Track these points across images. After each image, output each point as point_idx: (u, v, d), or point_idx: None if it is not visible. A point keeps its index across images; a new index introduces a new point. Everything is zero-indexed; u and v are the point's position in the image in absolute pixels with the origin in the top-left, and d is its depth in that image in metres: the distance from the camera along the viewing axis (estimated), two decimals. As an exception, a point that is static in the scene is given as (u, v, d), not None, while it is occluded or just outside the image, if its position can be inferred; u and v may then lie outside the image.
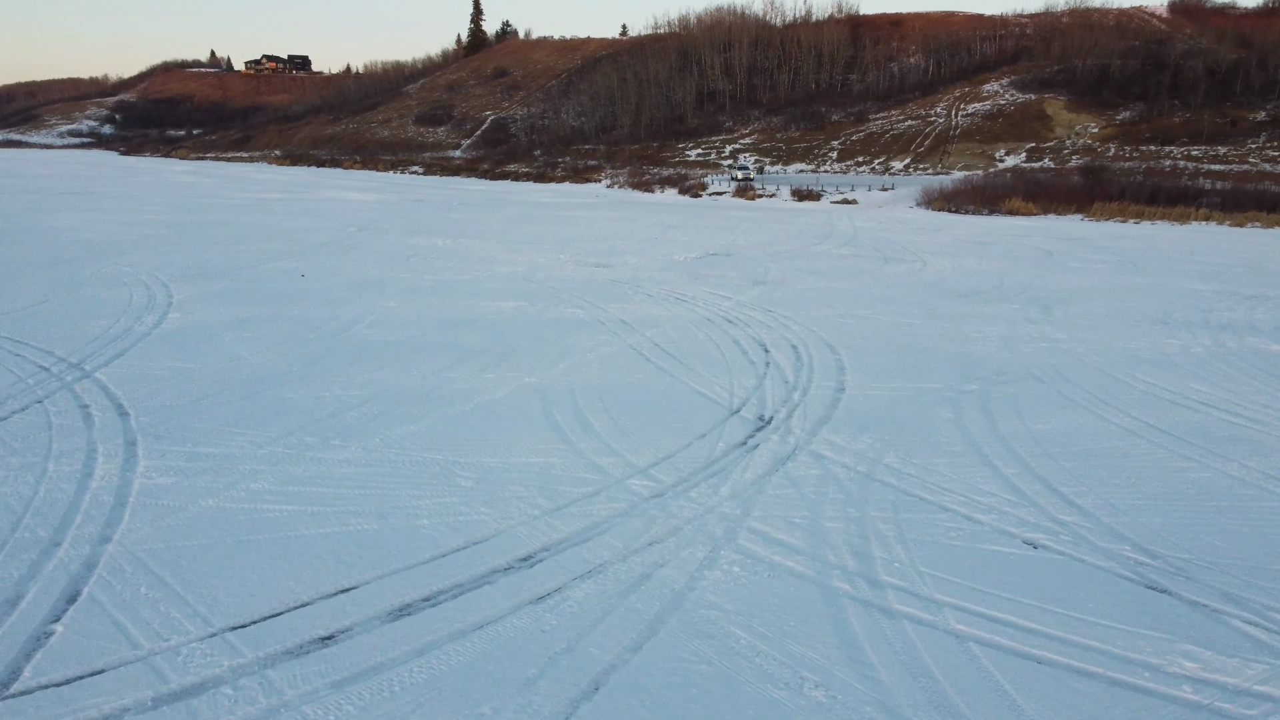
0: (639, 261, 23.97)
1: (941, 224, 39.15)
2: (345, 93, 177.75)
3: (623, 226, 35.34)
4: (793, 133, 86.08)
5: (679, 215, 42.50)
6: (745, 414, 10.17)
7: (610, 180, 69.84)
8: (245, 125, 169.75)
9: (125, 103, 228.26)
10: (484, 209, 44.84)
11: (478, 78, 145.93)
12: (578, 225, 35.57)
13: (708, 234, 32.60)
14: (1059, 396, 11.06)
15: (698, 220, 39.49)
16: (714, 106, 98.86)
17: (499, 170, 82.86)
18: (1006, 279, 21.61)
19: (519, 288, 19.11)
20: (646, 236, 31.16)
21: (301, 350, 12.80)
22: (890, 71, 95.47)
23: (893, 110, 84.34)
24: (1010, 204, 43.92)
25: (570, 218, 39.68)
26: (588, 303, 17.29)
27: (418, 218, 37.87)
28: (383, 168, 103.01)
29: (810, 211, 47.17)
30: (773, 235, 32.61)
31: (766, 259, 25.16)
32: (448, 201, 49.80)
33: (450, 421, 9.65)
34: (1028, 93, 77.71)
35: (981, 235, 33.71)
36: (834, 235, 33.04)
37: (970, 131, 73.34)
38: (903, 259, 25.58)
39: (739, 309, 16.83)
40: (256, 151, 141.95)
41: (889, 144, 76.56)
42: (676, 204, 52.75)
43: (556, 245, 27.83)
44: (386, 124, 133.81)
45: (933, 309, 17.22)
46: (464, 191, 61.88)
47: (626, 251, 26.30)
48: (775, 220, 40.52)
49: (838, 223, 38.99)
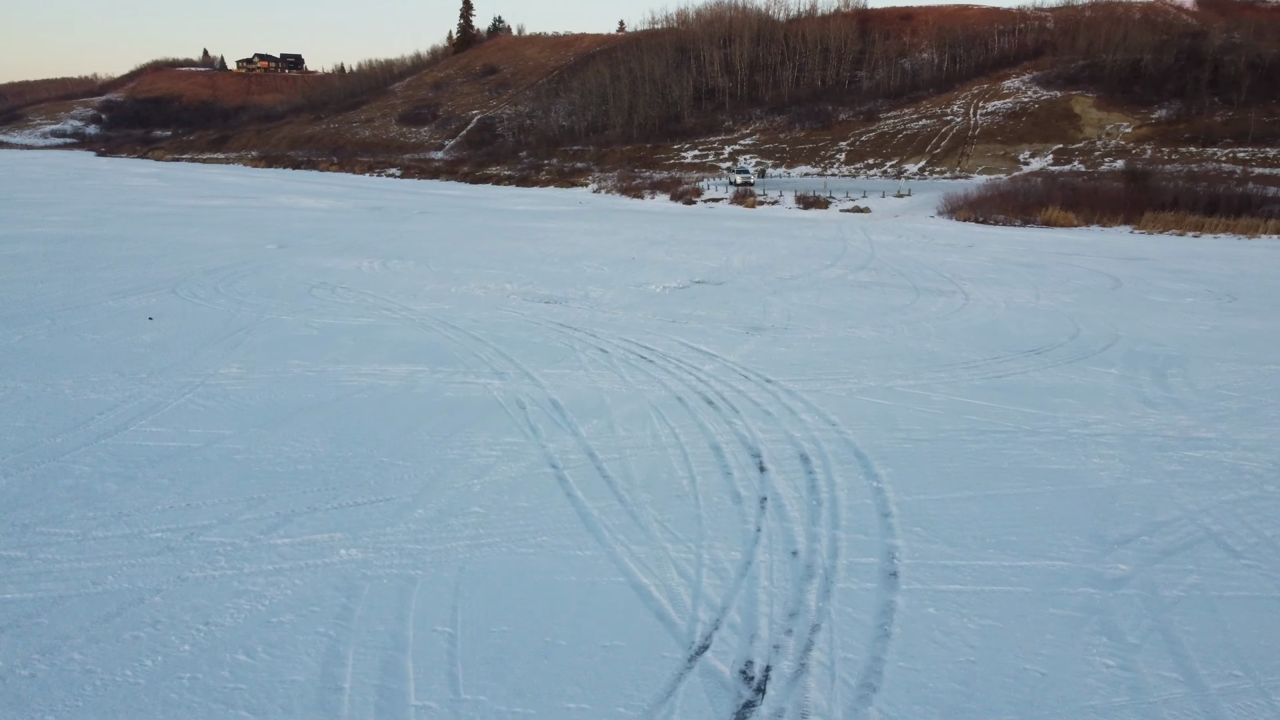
0: (604, 294, 19.18)
1: (972, 238, 34.38)
2: (331, 91, 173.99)
3: (597, 242, 30.56)
4: (797, 133, 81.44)
5: (666, 227, 37.73)
6: (716, 660, 5.37)
7: (597, 185, 65.12)
8: (224, 125, 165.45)
9: (112, 102, 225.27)
10: (446, 219, 40.10)
11: (465, 75, 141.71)
12: (544, 241, 30.80)
13: (697, 252, 27.82)
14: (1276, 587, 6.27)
15: (687, 234, 34.71)
16: (713, 105, 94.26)
17: (479, 173, 78.18)
18: (1081, 322, 16.78)
19: (428, 339, 14.30)
20: (622, 256, 26.36)
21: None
22: (901, 68, 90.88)
23: (905, 108, 79.67)
24: (1047, 214, 39.16)
25: (540, 230, 34.92)
26: (513, 366, 12.50)
27: (361, 231, 33.12)
28: (359, 169, 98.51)
29: (818, 222, 42.42)
30: (774, 254, 27.82)
31: (766, 289, 20.37)
32: (407, 210, 45.07)
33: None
34: (1052, 89, 73.01)
35: (1023, 253, 28.92)
36: (848, 254, 28.26)
37: (991, 131, 68.63)
38: (938, 289, 20.78)
39: (725, 378, 12.02)
40: (233, 153, 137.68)
41: (902, 145, 71.85)
42: (666, 213, 47.98)
43: (508, 269, 23.03)
44: (368, 124, 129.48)
45: (999, 378, 12.40)
46: (433, 197, 57.15)
47: (592, 279, 21.51)
48: (778, 233, 35.76)
49: (850, 236, 34.23)
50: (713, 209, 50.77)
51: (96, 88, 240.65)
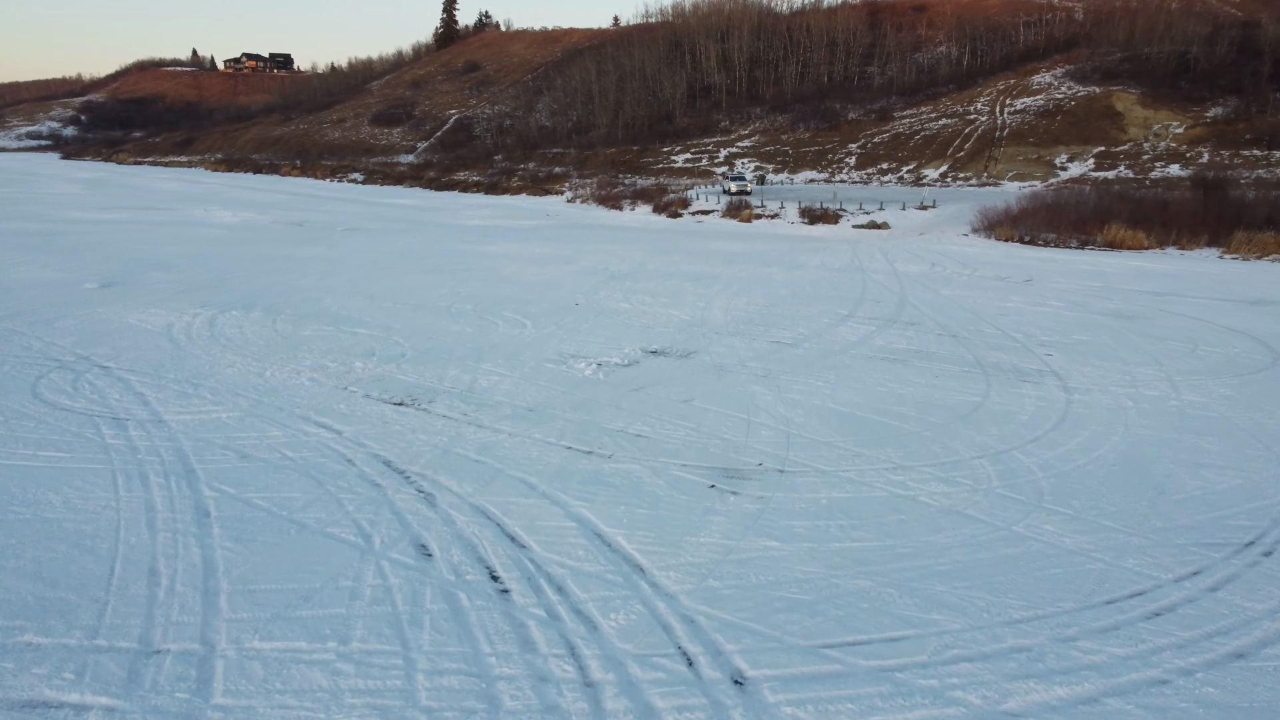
0: (499, 383, 12.50)
1: (1025, 266, 27.70)
2: (308, 91, 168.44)
3: (541, 277, 23.89)
4: (801, 133, 74.87)
5: (639, 250, 31.08)
6: None
7: (573, 193, 58.51)
8: (190, 127, 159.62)
9: (92, 103, 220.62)
10: (371, 238, 33.47)
11: (446, 73, 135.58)
12: (471, 274, 24.11)
13: (667, 293, 21.17)
14: None
15: (663, 260, 28.07)
16: (708, 103, 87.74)
17: (446, 179, 71.57)
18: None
19: (90, 532, 7.56)
20: (562, 301, 19.68)
21: None
22: (916, 62, 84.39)
23: (923, 106, 73.09)
24: (1110, 233, 32.51)
25: (477, 257, 28.28)
26: (192, 634, 5.75)
27: (240, 259, 26.48)
28: (321, 174, 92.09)
29: (827, 243, 35.77)
30: (770, 296, 21.13)
31: (754, 368, 13.67)
32: (333, 226, 38.45)
33: None
34: (1089, 85, 66.44)
35: (1103, 294, 22.23)
36: (869, 294, 21.58)
37: (1021, 132, 62.01)
38: (1014, 367, 14.07)
39: (651, 663, 5.25)
40: (198, 155, 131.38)
41: (920, 147, 65.25)
42: (645, 229, 41.33)
43: (387, 327, 16.34)
44: (339, 125, 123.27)
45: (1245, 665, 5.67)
46: (379, 208, 50.53)
47: (497, 347, 14.81)
48: (777, 259, 29.10)
49: (870, 264, 27.57)
50: (701, 224, 44.14)
51: (78, 88, 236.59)
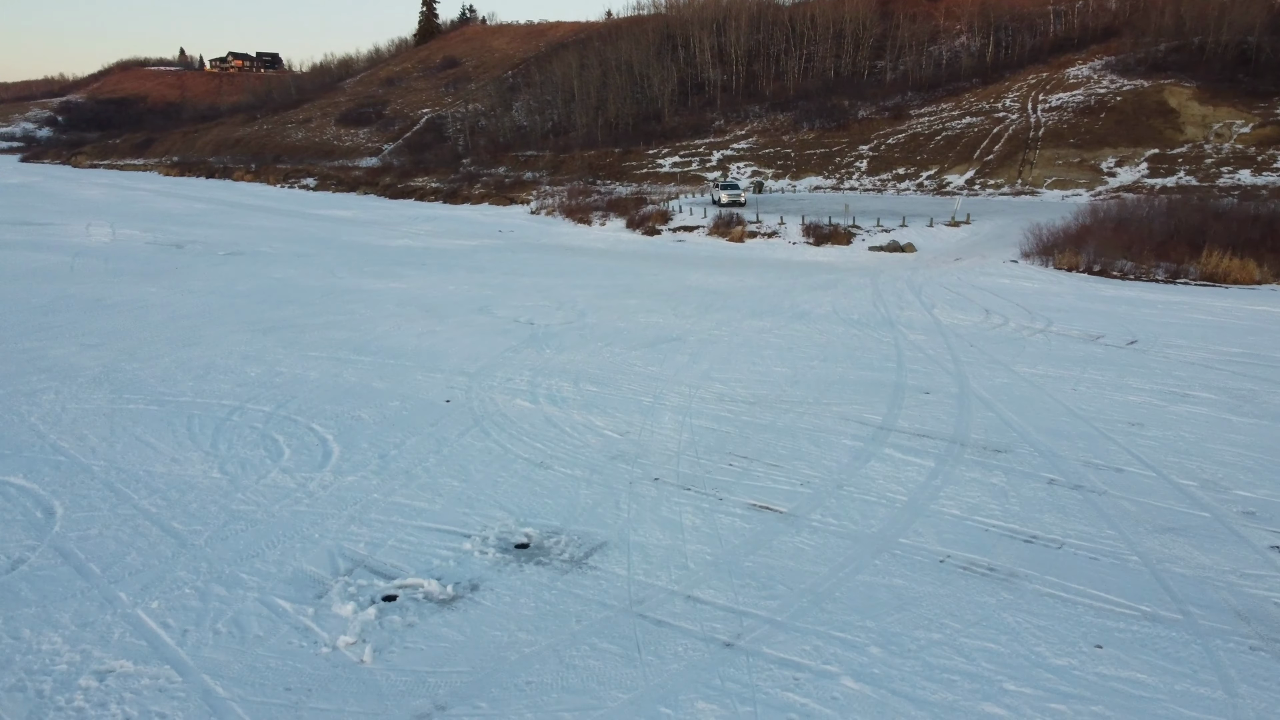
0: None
1: (1114, 314, 20.37)
2: (283, 89, 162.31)
3: (426, 340, 16.58)
4: (805, 134, 67.74)
5: (589, 288, 23.80)
6: None
7: (539, 203, 51.36)
8: (153, 128, 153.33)
9: (71, 103, 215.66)
10: (247, 266, 26.26)
11: (423, 69, 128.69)
12: (315, 339, 16.81)
13: (600, 371, 13.88)
14: None
15: (614, 307, 20.78)
16: (701, 101, 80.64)
17: (403, 185, 64.45)
18: None
19: None
20: (420, 402, 12.36)
21: None
22: (933, 55, 77.35)
23: (943, 103, 65.94)
24: (1211, 261, 25.26)
25: (361, 299, 21.02)
26: None
27: (29, 305, 19.27)
28: (274, 179, 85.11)
29: (839, 273, 28.54)
30: (758, 379, 13.83)
31: (712, 613, 6.33)
32: (220, 247, 31.28)
33: None
34: (1135, 78, 59.26)
35: (1255, 367, 14.92)
36: (908, 372, 14.27)
37: (1059, 132, 54.80)
38: (1239, 597, 6.77)
39: None
40: (155, 158, 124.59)
41: (941, 150, 58.07)
42: (610, 251, 34.11)
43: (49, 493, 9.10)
44: (305, 125, 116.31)
45: None
46: (303, 223, 43.35)
47: (199, 552, 7.53)
48: (772, 304, 21.82)
49: (901, 313, 20.25)
50: (682, 243, 36.93)
51: (58, 89, 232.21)
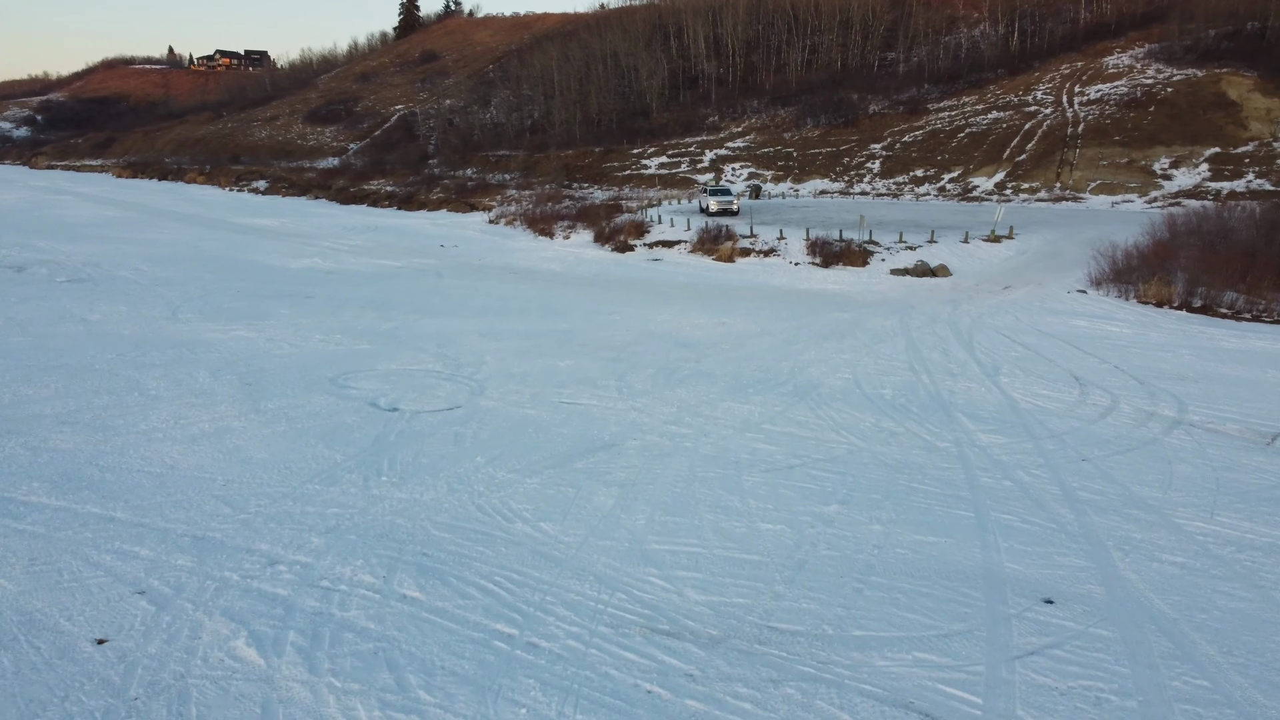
0: None
1: (1251, 370, 13.80)
2: (258, 85, 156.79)
3: (192, 456, 10.07)
4: (809, 131, 61.41)
5: (513, 338, 17.23)
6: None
7: (500, 211, 45.00)
8: (116, 127, 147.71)
9: (51, 103, 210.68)
10: (84, 295, 19.75)
11: (400, 64, 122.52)
12: (61, 439, 10.31)
13: (456, 521, 7.37)
14: None
15: (543, 366, 14.23)
16: (694, 96, 74.33)
17: (356, 189, 58.10)
18: None
19: None
20: (65, 629, 5.93)
21: None
22: (950, 45, 71.06)
23: (964, 96, 59.58)
24: (1366, 299, 18.86)
25: (186, 363, 14.41)
26: None
27: None
28: (225, 181, 78.88)
29: (856, 309, 22.06)
30: (730, 534, 7.28)
31: None
32: (64, 271, 24.82)
33: None
34: (1185, 67, 52.91)
35: None
36: (985, 510, 7.73)
37: (1102, 128, 48.43)
38: None
39: None
40: (114, 159, 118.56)
41: (965, 149, 51.72)
42: (564, 276, 27.66)
43: None
44: (270, 123, 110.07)
45: None
46: (215, 233, 36.94)
47: None
48: (763, 363, 15.28)
49: (955, 390, 13.63)
50: (658, 263, 30.54)
51: (40, 87, 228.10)
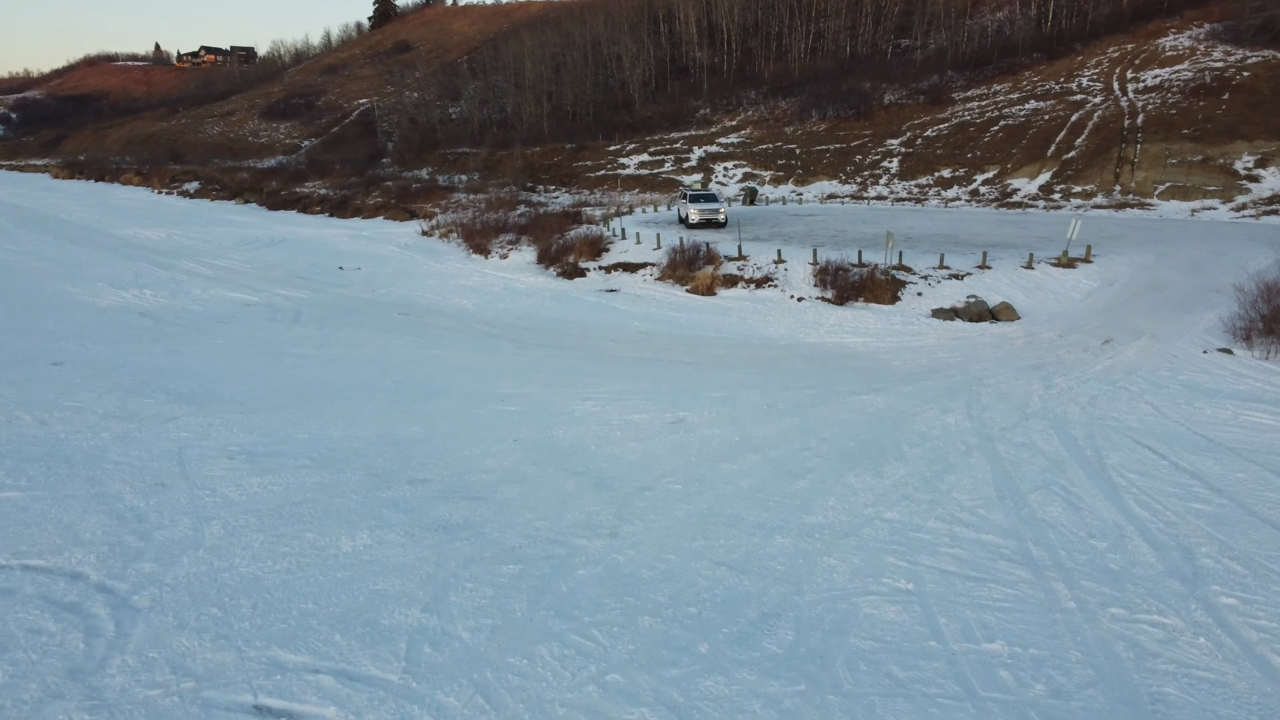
0: None
1: None
2: (226, 79, 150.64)
3: None
4: (814, 125, 54.11)
5: (303, 466, 9.92)
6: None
7: (438, 220, 37.68)
8: (66, 124, 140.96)
9: (27, 100, 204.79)
10: None
11: (371, 55, 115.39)
12: None
13: None
14: None
15: (287, 610, 6.91)
16: (684, 87, 67.06)
17: (288, 192, 50.80)
18: None
19: None
20: None
21: None
22: (974, 28, 63.85)
23: (996, 84, 52.30)
24: None
25: None
26: None
27: None
28: (159, 183, 71.84)
29: (888, 383, 14.67)
30: None
31: None
32: None
33: None
34: (1259, 49, 45.68)
35: None
36: None
37: (1166, 119, 41.14)
38: None
39: None
40: (61, 157, 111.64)
41: (1001, 144, 44.44)
42: (473, 321, 20.23)
43: None
44: (225, 119, 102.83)
45: None
46: (68, 249, 29.59)
47: None
48: (726, 587, 7.90)
49: (1155, 658, 6.24)
50: (612, 296, 23.21)
51: (18, 85, 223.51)
